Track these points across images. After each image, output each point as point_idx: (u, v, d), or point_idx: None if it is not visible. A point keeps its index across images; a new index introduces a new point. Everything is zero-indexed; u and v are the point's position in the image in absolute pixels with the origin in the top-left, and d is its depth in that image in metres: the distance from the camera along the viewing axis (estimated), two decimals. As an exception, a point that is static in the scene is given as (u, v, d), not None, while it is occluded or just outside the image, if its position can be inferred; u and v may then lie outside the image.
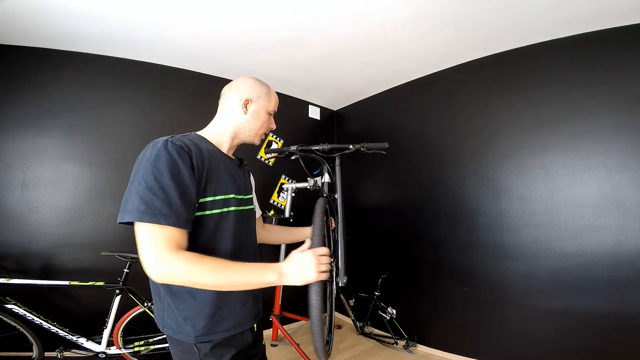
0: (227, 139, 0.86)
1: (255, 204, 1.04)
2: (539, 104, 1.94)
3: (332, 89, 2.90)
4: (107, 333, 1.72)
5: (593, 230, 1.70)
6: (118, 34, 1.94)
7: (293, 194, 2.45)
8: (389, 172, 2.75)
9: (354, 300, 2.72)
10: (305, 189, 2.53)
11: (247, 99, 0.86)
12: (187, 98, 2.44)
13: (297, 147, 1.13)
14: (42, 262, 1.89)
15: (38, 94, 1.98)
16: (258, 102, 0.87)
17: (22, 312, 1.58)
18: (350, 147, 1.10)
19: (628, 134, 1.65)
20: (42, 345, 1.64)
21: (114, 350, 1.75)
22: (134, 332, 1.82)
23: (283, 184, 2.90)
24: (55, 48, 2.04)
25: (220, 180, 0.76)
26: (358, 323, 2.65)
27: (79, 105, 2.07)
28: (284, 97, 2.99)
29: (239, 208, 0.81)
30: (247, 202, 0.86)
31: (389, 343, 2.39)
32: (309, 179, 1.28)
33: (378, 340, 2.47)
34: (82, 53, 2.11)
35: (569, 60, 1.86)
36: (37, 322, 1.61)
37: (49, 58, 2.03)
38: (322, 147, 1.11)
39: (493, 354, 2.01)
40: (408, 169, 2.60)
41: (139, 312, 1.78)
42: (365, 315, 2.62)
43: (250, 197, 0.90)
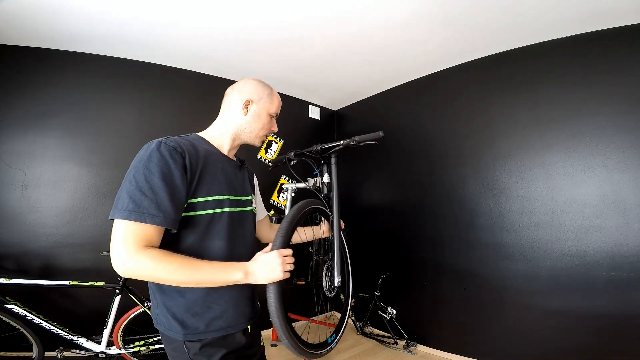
0: (227, 140, 0.86)
1: (260, 206, 1.04)
2: (539, 104, 1.94)
3: (332, 89, 2.90)
4: (107, 333, 1.72)
5: (593, 230, 1.70)
6: (118, 34, 1.94)
7: (293, 194, 2.45)
8: (389, 172, 2.75)
9: (354, 300, 2.72)
10: (305, 189, 2.53)
11: (248, 100, 0.85)
12: (187, 98, 2.44)
13: (292, 153, 1.15)
14: (42, 262, 1.89)
15: (38, 94, 1.98)
16: (259, 103, 0.87)
17: (22, 312, 1.58)
18: (341, 143, 1.10)
19: (628, 134, 1.65)
20: (42, 345, 1.64)
21: (114, 350, 1.75)
22: (134, 332, 1.82)
23: (283, 184, 2.90)
24: (55, 48, 2.04)
25: (215, 181, 0.76)
26: (358, 323, 2.66)
27: (79, 105, 2.07)
28: (284, 97, 2.99)
29: (234, 209, 0.80)
30: (244, 203, 0.85)
31: (389, 343, 2.39)
32: (309, 179, 1.29)
33: (378, 340, 2.47)
34: (82, 53, 2.11)
35: (569, 60, 1.86)
36: (37, 322, 1.61)
37: (49, 58, 2.03)
38: (315, 148, 1.12)
39: (493, 354, 2.01)
40: (408, 169, 2.60)
41: (139, 312, 1.78)
42: (365, 315, 2.62)
43: (249, 198, 0.89)
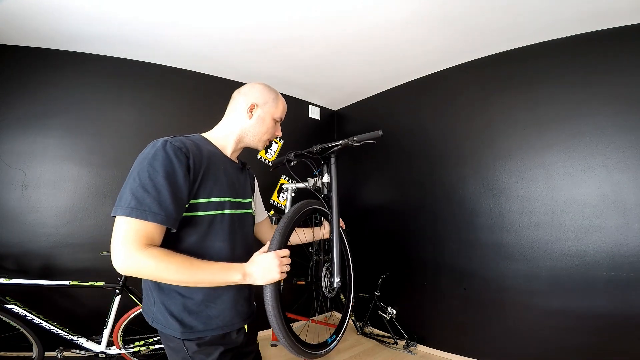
0: (231, 143, 0.87)
1: (261, 207, 1.05)
2: (539, 104, 1.94)
3: (332, 89, 2.90)
4: (107, 333, 1.72)
5: (593, 230, 1.70)
6: (118, 34, 1.94)
7: (293, 194, 2.45)
8: (389, 172, 2.75)
9: (354, 300, 2.72)
10: (305, 189, 2.53)
11: (253, 104, 0.87)
12: (187, 98, 2.44)
13: (292, 153, 1.15)
14: (42, 262, 1.89)
15: (38, 94, 1.98)
16: (264, 107, 0.88)
17: (22, 312, 1.58)
18: (340, 143, 1.09)
19: (628, 134, 1.65)
20: (42, 345, 1.64)
21: (114, 350, 1.75)
22: (134, 332, 1.82)
23: (283, 184, 2.90)
24: (56, 48, 2.04)
25: (218, 183, 0.77)
26: (358, 323, 2.66)
27: (79, 105, 2.07)
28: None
29: (235, 211, 0.81)
30: (244, 205, 0.86)
31: (389, 343, 2.39)
32: (309, 179, 1.29)
33: (378, 340, 2.47)
34: (82, 53, 2.11)
35: (569, 60, 1.86)
36: (37, 322, 1.61)
37: (49, 58, 2.03)
38: (314, 148, 1.12)
39: (493, 354, 2.01)
40: (408, 169, 2.60)
41: (139, 312, 1.78)
42: (365, 315, 2.62)
43: (249, 201, 0.90)
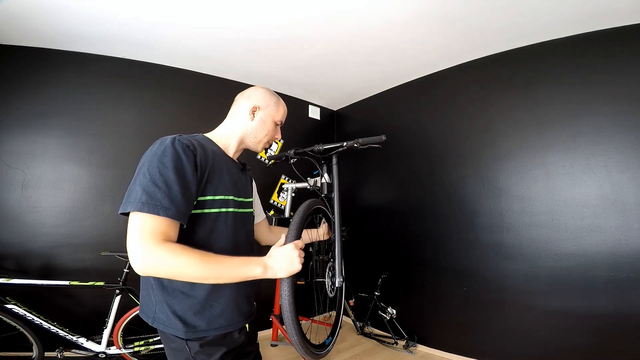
0: (234, 143, 0.89)
1: (259, 208, 1.06)
2: (539, 104, 1.94)
3: (332, 89, 2.90)
4: (107, 333, 1.72)
5: (593, 230, 1.70)
6: (118, 34, 1.94)
7: (293, 194, 2.46)
8: (389, 172, 2.75)
9: (354, 300, 2.73)
10: (305, 189, 2.53)
11: (255, 106, 0.90)
12: (187, 98, 2.44)
13: (292, 151, 1.14)
14: (42, 262, 1.89)
15: (38, 94, 1.98)
16: (266, 110, 0.91)
17: (22, 312, 1.58)
18: (344, 144, 1.09)
19: (628, 134, 1.65)
20: (42, 345, 1.64)
21: (114, 350, 1.75)
22: (134, 332, 1.82)
23: (283, 184, 2.90)
24: (56, 48, 2.04)
25: (222, 181, 0.78)
26: (358, 323, 2.66)
27: (79, 105, 2.07)
28: (284, 97, 2.99)
29: (238, 210, 0.82)
30: (246, 205, 0.88)
31: (389, 343, 2.39)
32: (309, 179, 1.29)
33: (378, 340, 2.47)
34: (82, 53, 2.11)
35: (569, 60, 1.86)
36: (37, 322, 1.61)
37: (49, 58, 2.03)
38: (317, 148, 1.11)
39: (493, 354, 2.01)
40: (408, 169, 2.60)
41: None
42: (365, 315, 2.62)
43: (250, 200, 0.92)
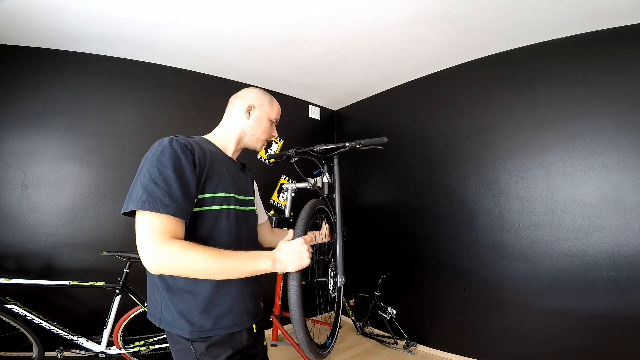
0: (232, 143, 0.91)
1: (261, 209, 1.07)
2: (539, 104, 1.94)
3: (332, 89, 2.90)
4: (107, 333, 1.72)
5: (593, 230, 1.70)
6: (118, 34, 1.94)
7: (293, 194, 2.46)
8: (389, 172, 2.75)
9: (354, 300, 2.72)
10: (306, 189, 2.53)
11: (250, 105, 0.92)
12: (187, 98, 2.44)
13: (294, 150, 1.14)
14: (42, 262, 1.89)
15: (38, 94, 1.98)
16: (261, 109, 0.94)
17: (22, 312, 1.58)
18: (346, 145, 1.10)
19: (628, 134, 1.65)
20: (42, 345, 1.64)
21: (114, 350, 1.75)
22: (134, 332, 1.82)
23: (283, 184, 2.90)
24: (56, 48, 2.04)
25: (222, 179, 0.79)
26: (358, 323, 2.66)
27: (79, 105, 2.07)
28: (284, 97, 2.99)
29: (239, 208, 0.83)
30: (247, 203, 0.88)
31: (389, 343, 2.39)
32: (309, 179, 1.29)
33: (378, 340, 2.47)
34: (82, 53, 2.11)
35: (569, 60, 1.86)
36: (37, 322, 1.61)
37: (49, 58, 2.03)
38: (318, 147, 1.11)
39: (493, 354, 2.01)
40: (408, 169, 2.60)
41: (139, 312, 1.78)
42: (365, 315, 2.62)
43: (251, 199, 0.93)
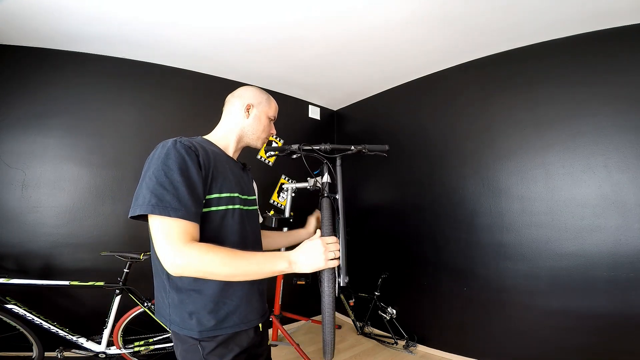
0: (232, 142, 0.91)
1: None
2: (539, 104, 1.94)
3: (332, 89, 2.90)
4: (107, 333, 1.72)
5: (593, 230, 1.70)
6: (118, 34, 1.94)
7: (293, 194, 2.45)
8: (389, 172, 2.75)
9: (354, 300, 2.72)
10: (305, 189, 2.53)
11: (249, 104, 0.92)
12: (187, 98, 2.44)
13: (298, 145, 1.13)
14: (42, 262, 1.89)
15: (38, 94, 1.98)
16: (259, 107, 0.94)
17: (22, 312, 1.58)
18: (352, 148, 1.12)
19: (628, 134, 1.65)
20: (42, 345, 1.64)
21: (114, 350, 1.75)
22: (134, 332, 1.83)
23: (283, 184, 2.90)
24: (56, 48, 2.04)
25: (226, 179, 0.79)
26: (358, 323, 2.66)
27: (79, 105, 2.07)
28: (284, 97, 2.99)
29: (243, 207, 0.84)
30: (250, 202, 0.89)
31: (389, 343, 2.39)
32: (309, 179, 1.28)
33: (378, 340, 2.47)
34: (82, 53, 2.11)
35: (569, 60, 1.86)
36: (37, 322, 1.61)
37: (49, 58, 2.03)
38: (323, 146, 1.11)
39: (493, 354, 2.01)
40: (408, 169, 2.60)
41: (139, 312, 1.78)
42: (365, 315, 2.62)
43: (254, 198, 0.93)
